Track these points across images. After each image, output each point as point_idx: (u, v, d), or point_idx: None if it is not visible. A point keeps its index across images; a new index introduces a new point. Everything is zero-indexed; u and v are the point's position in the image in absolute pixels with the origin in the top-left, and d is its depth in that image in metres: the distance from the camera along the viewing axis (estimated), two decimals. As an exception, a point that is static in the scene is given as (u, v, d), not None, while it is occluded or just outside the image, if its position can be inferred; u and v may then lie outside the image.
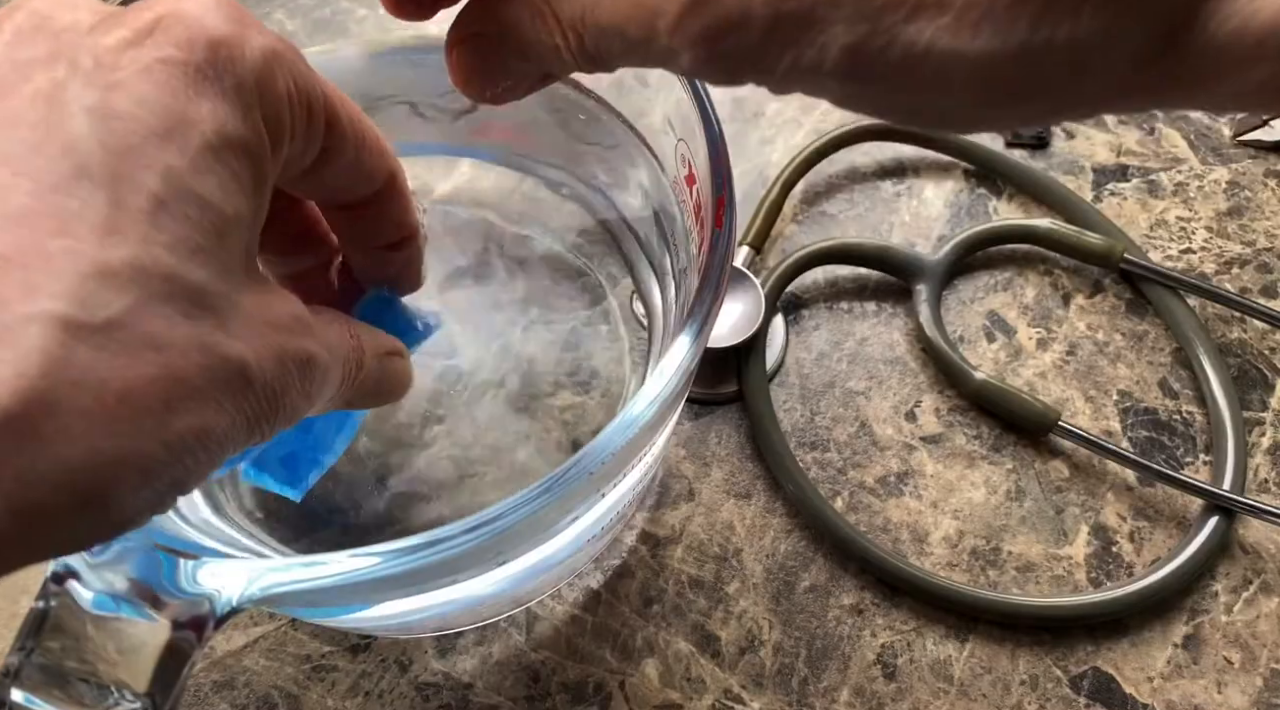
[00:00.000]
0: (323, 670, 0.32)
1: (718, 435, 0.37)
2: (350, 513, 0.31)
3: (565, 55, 0.17)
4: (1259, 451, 0.37)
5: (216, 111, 0.15)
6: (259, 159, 0.16)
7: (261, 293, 0.16)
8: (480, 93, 0.19)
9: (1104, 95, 0.14)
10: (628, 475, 0.24)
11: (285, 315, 0.17)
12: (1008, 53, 0.13)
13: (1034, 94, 0.14)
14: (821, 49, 0.14)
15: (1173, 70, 0.14)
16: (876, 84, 0.15)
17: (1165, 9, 0.13)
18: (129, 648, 0.18)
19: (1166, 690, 0.33)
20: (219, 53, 0.15)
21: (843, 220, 0.42)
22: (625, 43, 0.16)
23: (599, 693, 0.32)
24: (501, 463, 0.32)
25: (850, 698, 0.32)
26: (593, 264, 0.35)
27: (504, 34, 0.18)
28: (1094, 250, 0.40)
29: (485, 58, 0.18)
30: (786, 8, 0.14)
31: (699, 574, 0.34)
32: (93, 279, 0.13)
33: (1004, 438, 0.37)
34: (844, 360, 0.39)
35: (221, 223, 0.15)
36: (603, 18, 0.16)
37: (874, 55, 0.14)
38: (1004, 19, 0.13)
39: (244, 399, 0.15)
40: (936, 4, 0.13)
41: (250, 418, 0.15)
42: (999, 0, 0.13)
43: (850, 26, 0.14)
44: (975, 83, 0.14)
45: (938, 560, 0.35)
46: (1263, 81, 0.13)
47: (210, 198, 0.15)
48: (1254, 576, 0.34)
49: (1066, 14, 0.13)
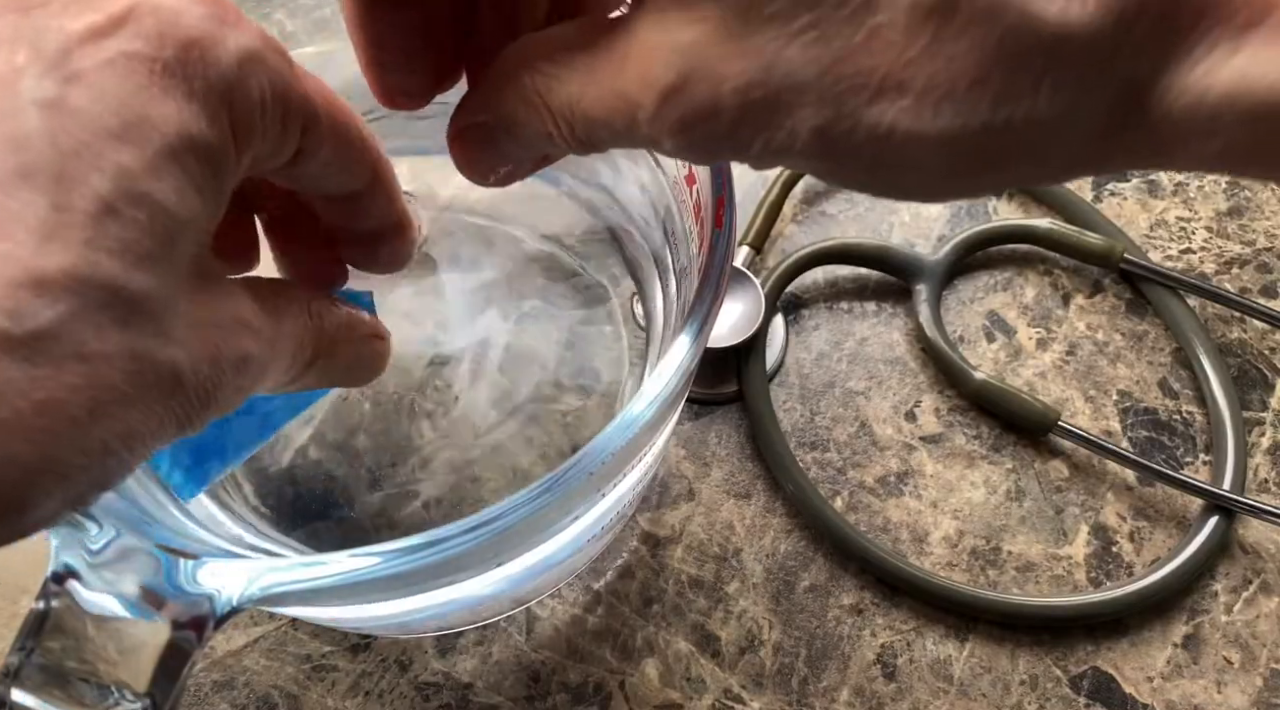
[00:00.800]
0: (323, 670, 0.32)
1: (718, 435, 0.37)
2: (349, 512, 0.31)
3: (559, 141, 0.18)
4: (1259, 451, 0.37)
5: (180, 113, 0.15)
6: (220, 163, 0.16)
7: (207, 292, 0.16)
8: (484, 178, 0.20)
9: (1067, 166, 0.15)
10: (628, 475, 0.24)
11: (228, 315, 0.17)
12: (970, 132, 0.14)
13: (998, 168, 0.15)
14: (791, 132, 0.15)
15: (1132, 142, 0.14)
16: (848, 162, 0.15)
17: (1121, 87, 0.13)
18: (129, 648, 0.18)
19: (1166, 690, 0.33)
20: (191, 53, 0.15)
21: (843, 220, 0.42)
22: (611, 131, 0.17)
23: (599, 693, 0.32)
24: (501, 463, 0.32)
25: (850, 697, 0.32)
26: (593, 264, 0.35)
27: (501, 124, 0.18)
28: (1094, 250, 0.40)
29: (486, 147, 0.19)
30: (753, 96, 0.15)
31: (699, 574, 0.34)
32: (25, 287, 0.13)
33: (1004, 438, 0.37)
34: (844, 360, 0.39)
35: (173, 227, 0.15)
36: (589, 110, 0.17)
37: (841, 137, 0.14)
38: (964, 100, 0.14)
39: (174, 401, 0.15)
40: (897, 87, 0.14)
41: (180, 416, 0.15)
42: (959, 82, 0.13)
43: (816, 111, 0.14)
44: (940, 160, 0.14)
45: (937, 560, 0.35)
46: (1220, 152, 0.14)
47: (163, 201, 0.15)
48: (1254, 576, 0.34)
49: (1025, 93, 0.13)
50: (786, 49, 0.14)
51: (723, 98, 0.15)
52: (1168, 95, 0.13)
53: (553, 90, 0.17)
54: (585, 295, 0.34)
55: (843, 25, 0.14)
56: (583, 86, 0.17)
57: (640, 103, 0.16)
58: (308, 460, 0.32)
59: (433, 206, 0.35)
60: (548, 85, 0.17)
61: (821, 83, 0.14)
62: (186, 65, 0.15)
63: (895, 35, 0.13)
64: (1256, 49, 0.13)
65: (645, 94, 0.16)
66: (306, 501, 0.31)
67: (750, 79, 0.15)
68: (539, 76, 0.17)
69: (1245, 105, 0.13)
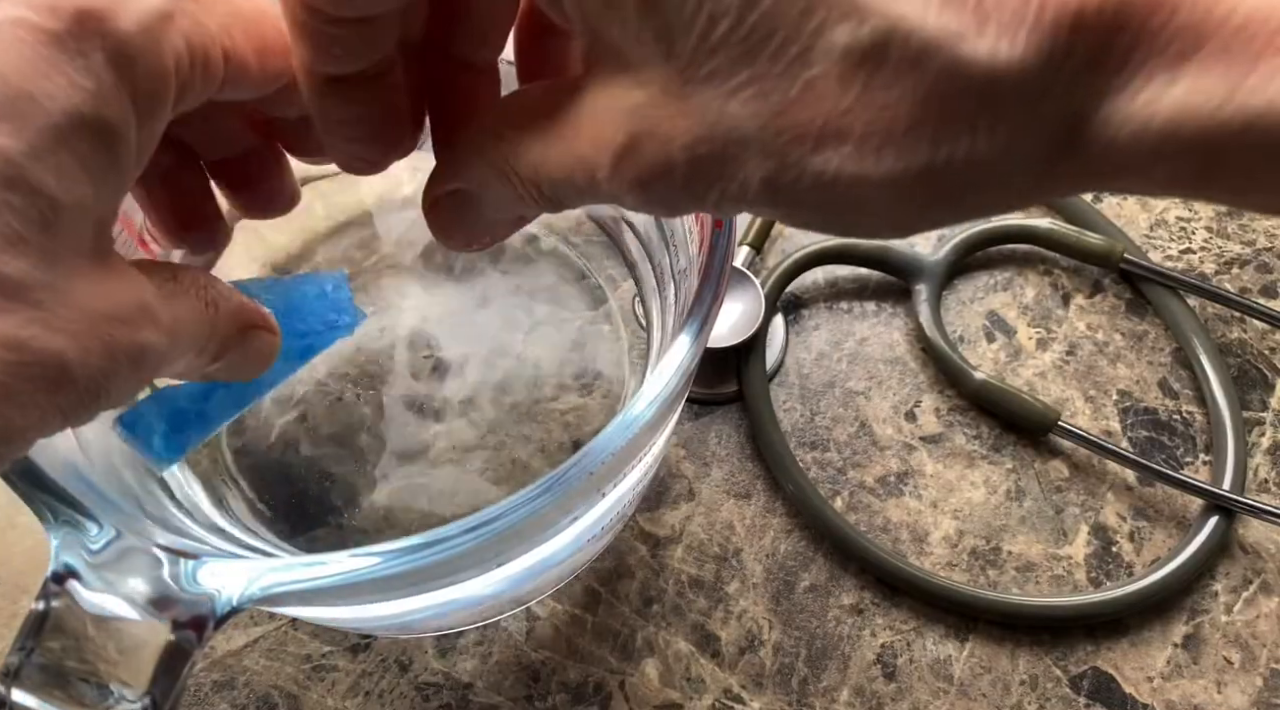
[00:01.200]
0: (323, 670, 0.32)
1: (718, 435, 0.37)
2: (349, 511, 0.31)
3: (529, 203, 0.18)
4: (1259, 451, 0.37)
5: (70, 90, 0.14)
6: (116, 139, 0.15)
7: (101, 280, 0.16)
8: (462, 243, 0.21)
9: (1016, 197, 0.15)
10: (628, 475, 0.24)
11: (125, 304, 0.16)
12: (913, 173, 0.14)
13: (945, 205, 0.15)
14: (742, 183, 0.15)
15: (1077, 172, 0.14)
16: (801, 209, 0.15)
17: (1059, 121, 0.13)
18: (129, 648, 0.18)
19: (1166, 690, 0.33)
20: (86, 24, 0.14)
21: (843, 220, 0.42)
22: (575, 190, 0.17)
23: (599, 693, 0.32)
24: (502, 462, 0.32)
25: (850, 697, 0.32)
26: (594, 265, 0.35)
27: (474, 191, 0.19)
28: (1094, 250, 0.40)
29: (461, 214, 0.20)
30: (701, 152, 0.15)
31: (699, 574, 0.34)
32: None
33: (1004, 438, 0.37)
34: (844, 360, 0.39)
35: (53, 211, 0.14)
36: (552, 172, 0.17)
37: (789, 186, 0.15)
38: (903, 144, 0.14)
39: (60, 394, 0.15)
40: (836, 135, 0.14)
41: (66, 410, 0.15)
42: (896, 126, 0.14)
43: (762, 162, 0.15)
44: (888, 201, 0.15)
45: (937, 560, 0.35)
46: (1167, 178, 0.14)
47: (42, 186, 0.14)
48: (1254, 576, 0.34)
49: (963, 133, 0.14)
50: (728, 105, 0.14)
51: (673, 155, 0.15)
52: (1109, 127, 0.13)
53: (518, 156, 0.17)
54: (587, 296, 0.34)
55: (779, 80, 0.14)
56: (544, 152, 0.17)
57: (597, 163, 0.16)
58: (308, 457, 0.32)
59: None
60: (513, 151, 0.18)
61: (764, 135, 0.14)
62: (81, 37, 0.14)
63: (829, 86, 0.14)
64: (1195, 78, 0.13)
65: (600, 156, 0.16)
66: (306, 501, 0.31)
67: (696, 136, 0.15)
68: (503, 144, 0.18)
69: (1188, 133, 0.13)
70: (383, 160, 0.20)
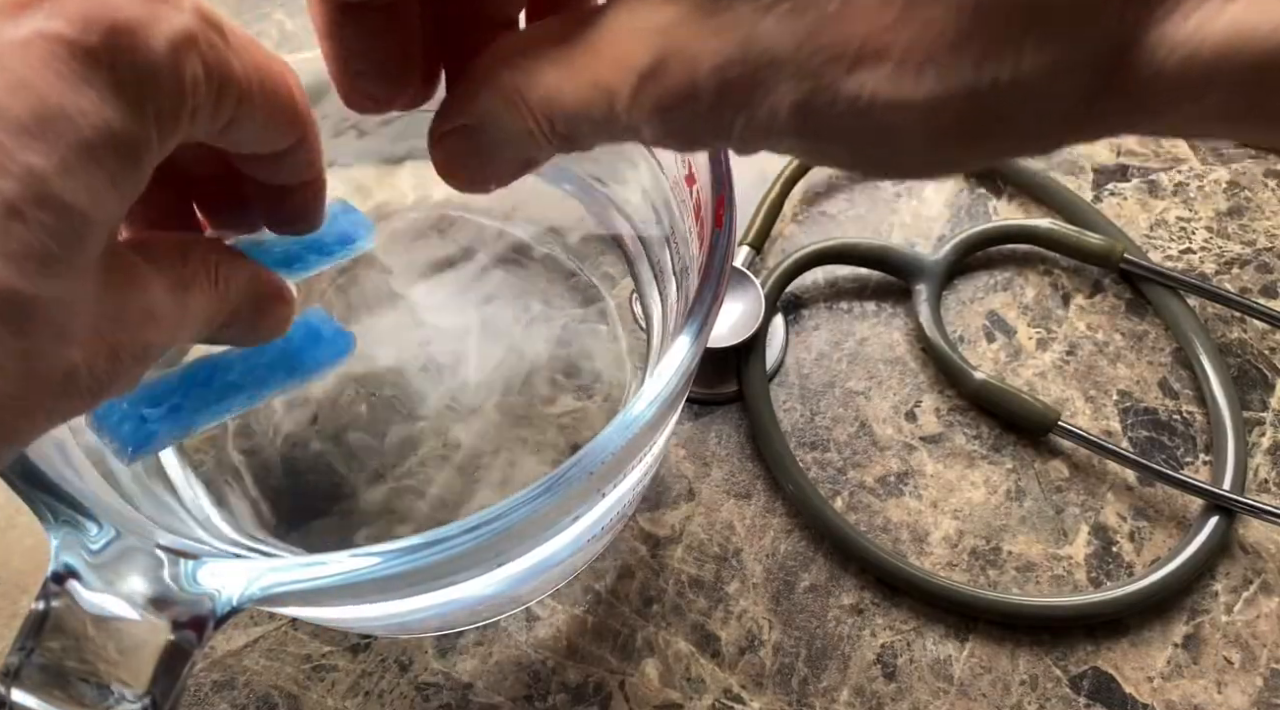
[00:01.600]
0: (323, 670, 0.32)
1: (718, 435, 0.37)
2: (350, 512, 0.31)
3: (540, 139, 0.17)
4: (1259, 451, 0.37)
5: (101, 106, 0.14)
6: (141, 156, 0.15)
7: (114, 285, 0.15)
8: (466, 183, 0.20)
9: (1057, 130, 0.14)
10: (628, 475, 0.24)
11: (134, 309, 0.16)
12: (953, 97, 0.13)
13: (986, 135, 0.14)
14: (771, 110, 0.15)
15: (1123, 102, 0.13)
16: (831, 139, 0.15)
17: (1108, 43, 0.13)
18: (129, 648, 0.18)
19: (1166, 690, 0.33)
20: (119, 39, 0.14)
21: (843, 220, 0.42)
22: (591, 123, 0.16)
23: (599, 693, 0.32)
24: (500, 463, 0.32)
25: (850, 697, 0.32)
26: (592, 264, 0.35)
27: (482, 125, 0.18)
28: (1094, 250, 0.40)
29: (467, 152, 0.19)
30: (731, 74, 0.14)
31: (699, 574, 0.34)
32: None
33: (1004, 438, 0.37)
34: (844, 360, 0.39)
35: (83, 227, 0.14)
36: (567, 102, 0.16)
37: (822, 110, 0.14)
38: (945, 63, 0.13)
39: (68, 400, 0.15)
40: (875, 54, 0.13)
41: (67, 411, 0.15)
42: (938, 45, 0.13)
43: (795, 85, 0.14)
44: (923, 129, 0.14)
45: (937, 560, 0.35)
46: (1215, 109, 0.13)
47: (74, 202, 0.14)
48: (1254, 576, 0.34)
49: (1009, 54, 0.13)
50: (761, 24, 0.14)
51: (700, 78, 0.15)
52: (1159, 51, 0.13)
53: (531, 85, 0.17)
54: (584, 295, 0.34)
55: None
56: (560, 79, 0.16)
57: (618, 90, 0.15)
58: (307, 456, 0.32)
59: (431, 205, 0.35)
60: (526, 80, 0.17)
61: (799, 55, 0.14)
62: (114, 53, 0.14)
63: (871, 1, 0.13)
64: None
65: (622, 80, 0.15)
66: (306, 499, 0.31)
67: (727, 57, 0.14)
68: (517, 72, 0.17)
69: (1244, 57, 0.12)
70: (388, 99, 0.19)
